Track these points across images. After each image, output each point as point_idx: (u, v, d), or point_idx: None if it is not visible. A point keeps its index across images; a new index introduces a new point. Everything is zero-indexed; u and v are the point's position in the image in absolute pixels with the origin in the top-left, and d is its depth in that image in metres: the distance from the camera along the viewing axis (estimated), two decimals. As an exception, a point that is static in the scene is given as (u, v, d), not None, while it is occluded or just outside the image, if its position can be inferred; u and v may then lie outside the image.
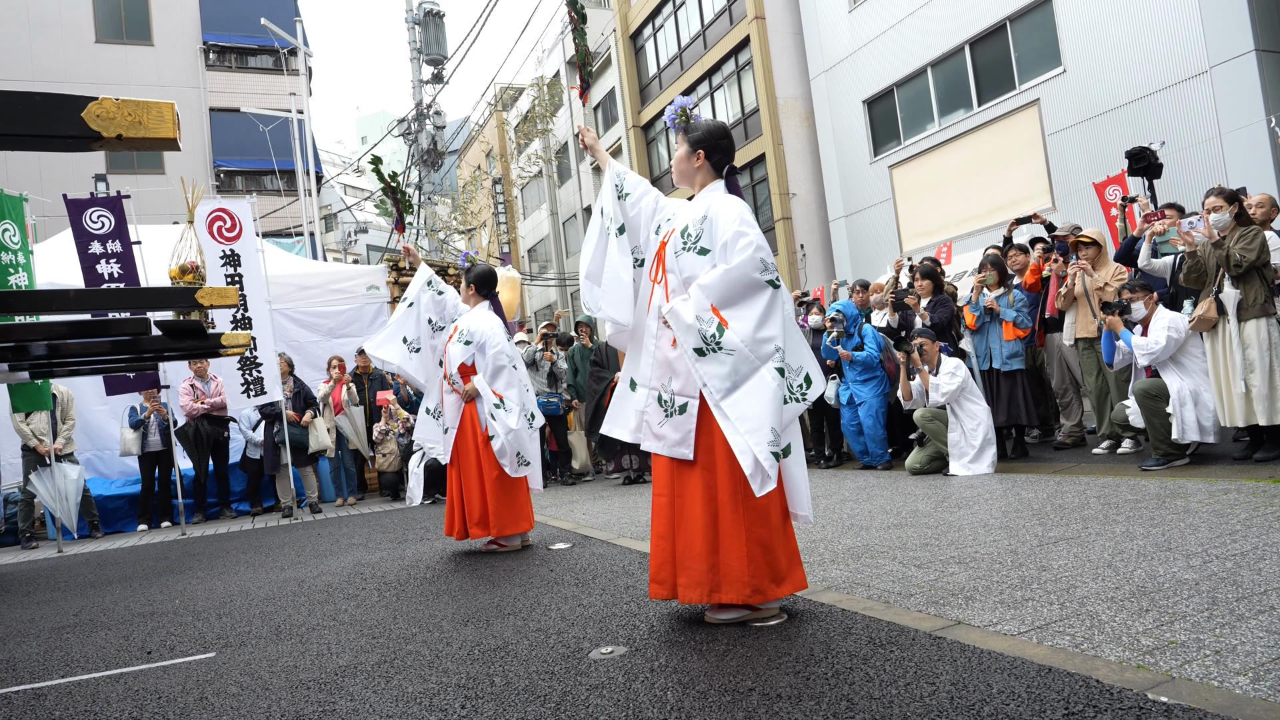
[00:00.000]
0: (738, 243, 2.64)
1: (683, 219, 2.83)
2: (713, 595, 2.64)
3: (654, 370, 2.82)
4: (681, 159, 2.94)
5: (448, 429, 4.79)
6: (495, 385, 4.64)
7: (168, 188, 19.18)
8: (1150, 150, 7.43)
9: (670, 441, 2.73)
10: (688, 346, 2.64)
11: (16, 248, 6.77)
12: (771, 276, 2.63)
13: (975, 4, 14.49)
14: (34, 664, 3.25)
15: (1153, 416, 5.10)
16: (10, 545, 7.83)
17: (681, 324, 2.64)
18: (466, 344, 4.68)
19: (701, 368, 2.61)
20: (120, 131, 1.86)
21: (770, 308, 2.61)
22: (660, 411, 2.76)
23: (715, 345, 2.59)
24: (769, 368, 2.58)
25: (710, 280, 2.63)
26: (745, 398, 2.57)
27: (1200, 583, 2.62)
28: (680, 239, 2.78)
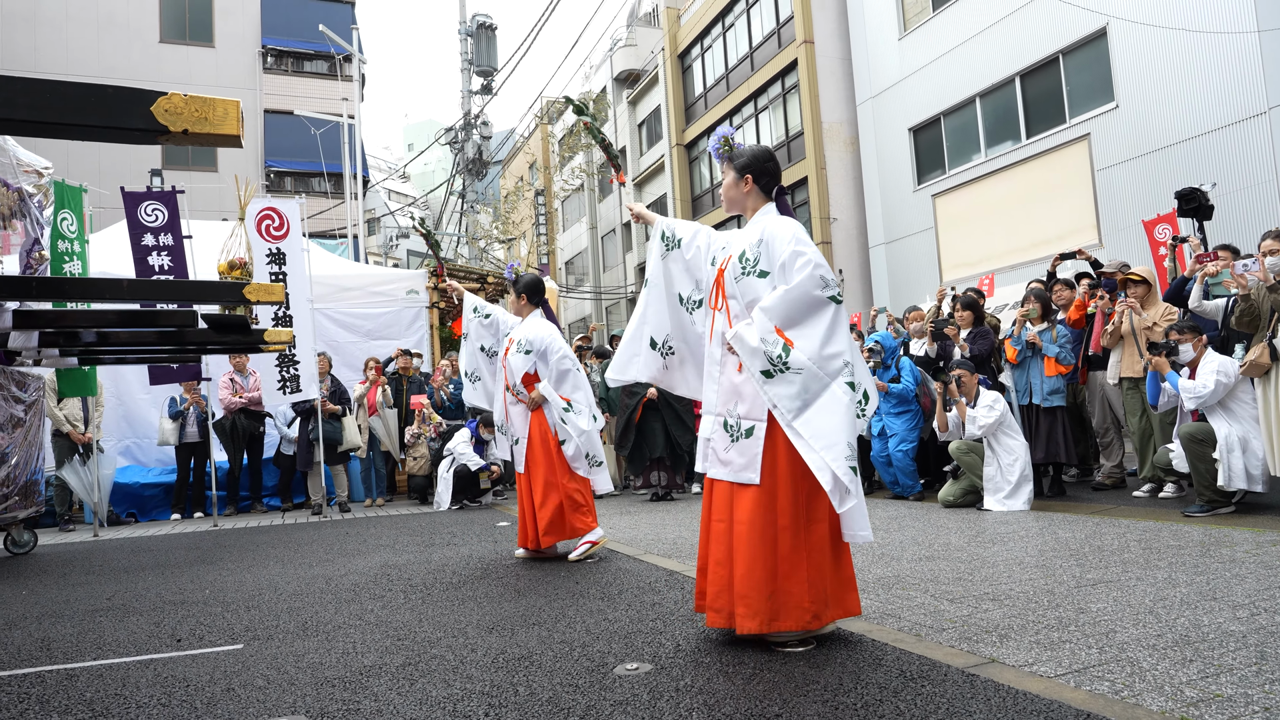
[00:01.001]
0: (795, 262, 2.63)
1: (739, 244, 2.83)
2: (772, 624, 2.60)
3: (719, 396, 2.80)
4: (730, 186, 2.94)
5: (517, 439, 4.76)
6: (562, 390, 4.65)
7: (219, 185, 19.64)
8: (1201, 191, 7.29)
9: (736, 467, 2.70)
10: (754, 369, 2.62)
11: (73, 236, 6.97)
12: (833, 292, 2.62)
13: (1027, 35, 14.37)
14: (67, 645, 3.31)
15: (1198, 461, 4.97)
16: (49, 526, 8.00)
17: (747, 348, 2.63)
18: (527, 353, 4.68)
19: (770, 389, 2.60)
20: (187, 126, 1.91)
21: (835, 323, 2.60)
22: (726, 437, 2.74)
23: (783, 366, 2.58)
24: (839, 383, 2.57)
25: (771, 302, 2.62)
26: (818, 415, 2.56)
27: (1248, 635, 2.53)
28: (738, 264, 2.78)
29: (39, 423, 6.50)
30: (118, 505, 8.39)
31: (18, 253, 6.35)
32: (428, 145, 26.86)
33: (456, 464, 8.07)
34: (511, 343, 4.78)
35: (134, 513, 8.49)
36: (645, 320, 3.14)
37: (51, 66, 21.04)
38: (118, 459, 8.91)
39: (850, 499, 2.54)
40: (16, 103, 1.84)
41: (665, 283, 3.10)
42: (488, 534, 6.00)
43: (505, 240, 26.84)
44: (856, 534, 2.68)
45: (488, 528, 6.36)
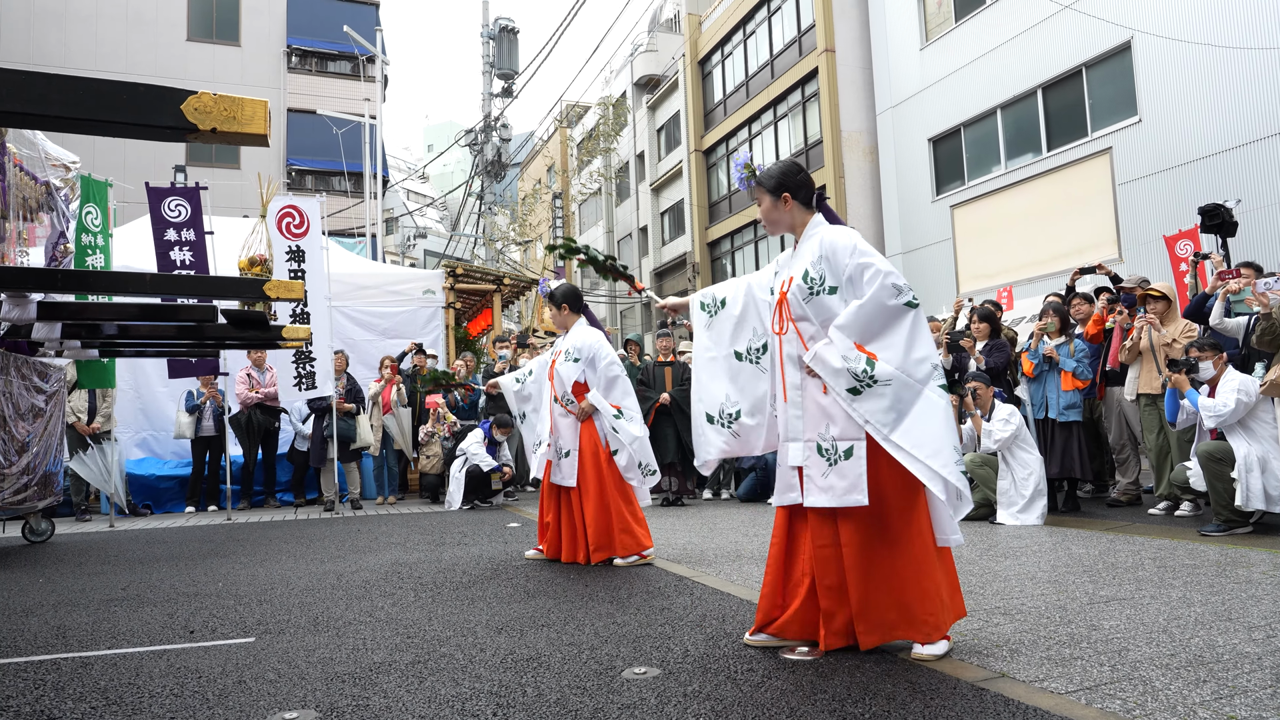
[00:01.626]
0: (863, 275, 2.59)
1: (799, 265, 2.76)
2: (891, 634, 2.60)
3: (806, 421, 2.71)
4: (770, 209, 2.86)
5: (567, 452, 4.63)
6: (611, 396, 4.58)
7: (241, 182, 19.83)
8: (1224, 208, 7.22)
9: (839, 490, 2.59)
10: (840, 388, 2.58)
11: (97, 230, 7.07)
12: (908, 298, 2.57)
13: (1051, 48, 14.29)
14: (82, 633, 3.35)
15: (1216, 480, 4.92)
16: (66, 516, 8.10)
17: (829, 368, 2.59)
18: (575, 361, 4.60)
19: (860, 406, 2.55)
20: (215, 125, 1.94)
21: (915, 328, 2.56)
22: (823, 461, 2.64)
23: (869, 380, 2.53)
24: (931, 388, 2.54)
25: (845, 319, 2.59)
26: (916, 424, 2.52)
27: (1263, 657, 2.51)
28: (804, 285, 2.70)
29: (59, 413, 6.59)
30: (134, 496, 8.48)
31: (44, 245, 6.44)
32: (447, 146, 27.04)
33: (469, 464, 8.10)
34: (559, 353, 4.70)
35: (149, 504, 8.58)
36: (699, 399, 3.09)
37: (81, 63, 21.35)
38: (134, 451, 9.02)
39: (966, 505, 2.55)
40: (51, 99, 1.87)
41: (716, 349, 3.04)
42: (498, 535, 6.02)
43: (522, 242, 26.94)
44: (949, 537, 2.67)
45: (498, 529, 6.39)
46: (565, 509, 4.68)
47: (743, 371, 3.01)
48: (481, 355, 11.40)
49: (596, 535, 4.52)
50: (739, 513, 7.11)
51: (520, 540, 5.68)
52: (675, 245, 27.17)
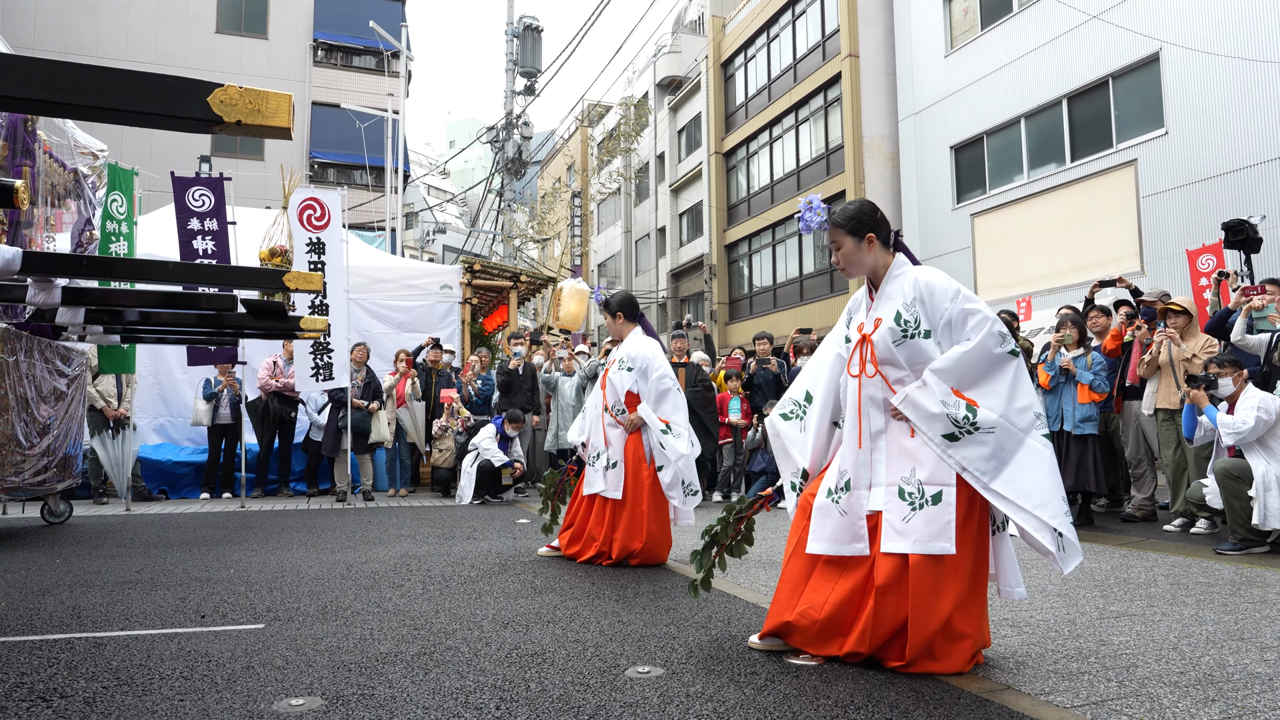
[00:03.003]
0: (968, 321, 2.56)
1: (888, 307, 2.68)
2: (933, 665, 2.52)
3: (889, 466, 2.62)
4: (852, 251, 2.76)
5: (615, 463, 4.54)
6: (660, 410, 4.47)
7: (265, 173, 20.03)
8: (1249, 224, 7.14)
9: (923, 536, 2.50)
10: (934, 434, 2.52)
11: (122, 218, 7.16)
12: (1011, 346, 2.55)
13: (1077, 57, 14.17)
14: (96, 614, 3.40)
15: (1233, 498, 4.86)
16: (84, 499, 8.21)
17: (924, 413, 2.53)
18: (628, 370, 4.54)
19: (958, 452, 2.50)
20: (240, 118, 1.96)
21: (1018, 377, 2.54)
22: (905, 506, 2.55)
23: (971, 427, 2.49)
24: (1035, 437, 2.51)
25: (946, 364, 2.55)
26: (1019, 473, 2.48)
27: (1275, 679, 2.48)
28: (896, 328, 2.63)
29: (80, 397, 6.68)
30: (150, 481, 8.58)
31: (70, 231, 6.53)
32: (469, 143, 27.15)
33: (480, 459, 8.14)
34: (613, 362, 4.65)
35: (165, 490, 8.68)
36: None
37: (112, 52, 21.63)
38: (151, 436, 9.13)
39: (1076, 556, 2.51)
40: (81, 89, 1.91)
41: None
42: (507, 530, 6.05)
43: (540, 240, 27.02)
44: (1014, 590, 2.64)
45: (508, 524, 6.41)
46: (598, 517, 4.58)
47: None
48: (497, 351, 11.45)
49: (623, 541, 4.46)
50: (749, 516, 7.10)
51: (530, 537, 5.70)
52: (693, 247, 27.16)
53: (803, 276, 21.45)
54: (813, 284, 21.05)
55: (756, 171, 23.78)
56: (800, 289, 21.50)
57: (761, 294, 23.42)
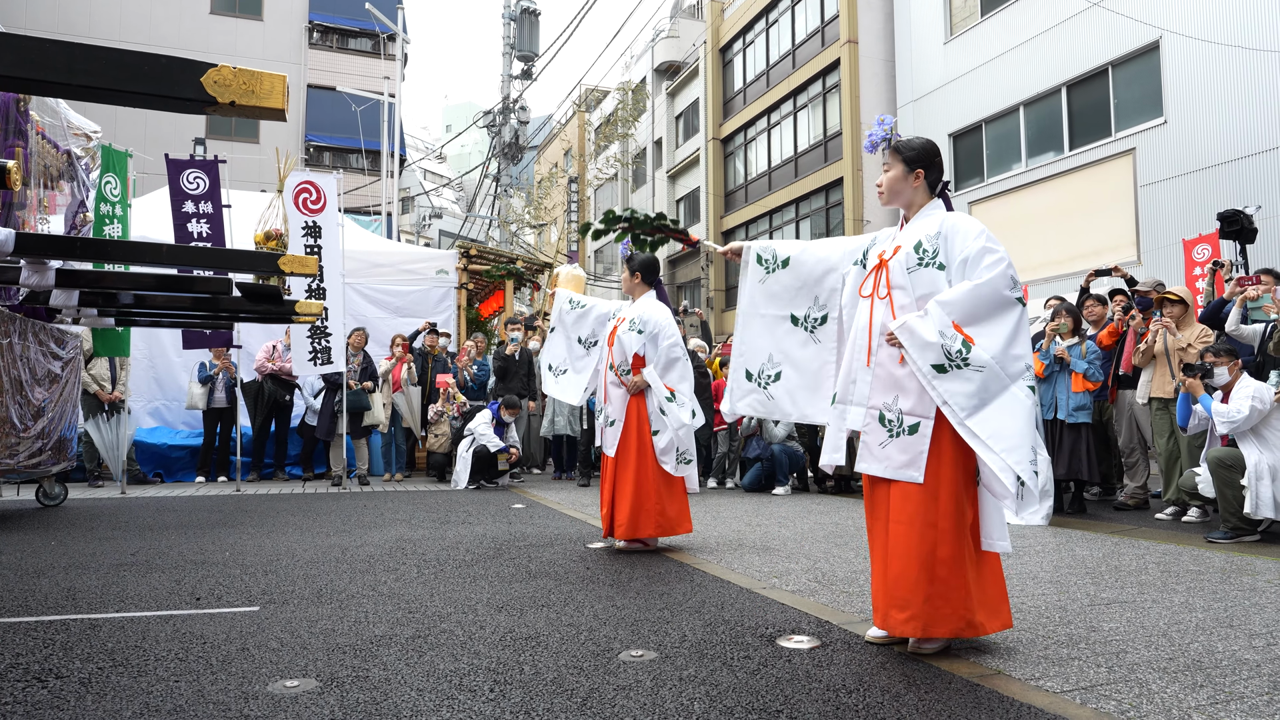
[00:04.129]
0: (984, 259, 2.57)
1: (910, 236, 2.72)
2: (928, 630, 2.52)
3: (874, 388, 2.68)
4: (897, 179, 2.77)
5: (613, 421, 4.54)
6: (668, 378, 4.48)
7: (260, 156, 19.90)
8: (1244, 214, 7.15)
9: (896, 463, 2.59)
10: (924, 363, 2.53)
11: (116, 200, 7.12)
12: (1019, 294, 2.57)
13: (1077, 45, 14.12)
14: (92, 596, 3.41)
15: (1225, 487, 4.89)
16: (79, 481, 8.20)
17: (918, 340, 2.54)
18: (639, 333, 4.51)
19: (943, 385, 2.52)
20: (234, 98, 1.95)
21: (1019, 325, 2.55)
22: (883, 431, 2.63)
23: (961, 362, 2.50)
24: (1020, 385, 2.52)
25: (954, 296, 2.55)
26: (997, 415, 2.50)
27: (1262, 665, 2.50)
28: (913, 255, 2.66)
29: (75, 379, 6.66)
30: (145, 465, 8.58)
31: (64, 213, 6.49)
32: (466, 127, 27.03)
33: (476, 444, 8.15)
34: (623, 320, 4.62)
35: (160, 473, 8.68)
36: (741, 354, 3.14)
37: (105, 33, 21.43)
38: (146, 420, 9.12)
39: (1031, 504, 2.50)
40: (74, 68, 1.89)
41: (767, 307, 3.08)
42: (503, 515, 6.06)
43: (536, 225, 26.94)
44: (995, 543, 2.65)
45: (503, 509, 6.43)
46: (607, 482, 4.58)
47: (792, 336, 3.05)
48: (493, 336, 11.44)
49: (630, 512, 4.41)
50: (743, 502, 7.13)
51: (524, 521, 5.72)
52: (690, 231, 27.07)
53: (800, 264, 21.41)
54: (809, 271, 21.01)
55: (754, 158, 23.70)
56: (797, 276, 21.46)
57: (758, 281, 23.37)
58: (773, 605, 3.25)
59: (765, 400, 3.11)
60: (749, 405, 3.16)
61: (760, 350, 3.08)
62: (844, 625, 2.95)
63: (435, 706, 2.14)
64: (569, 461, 9.38)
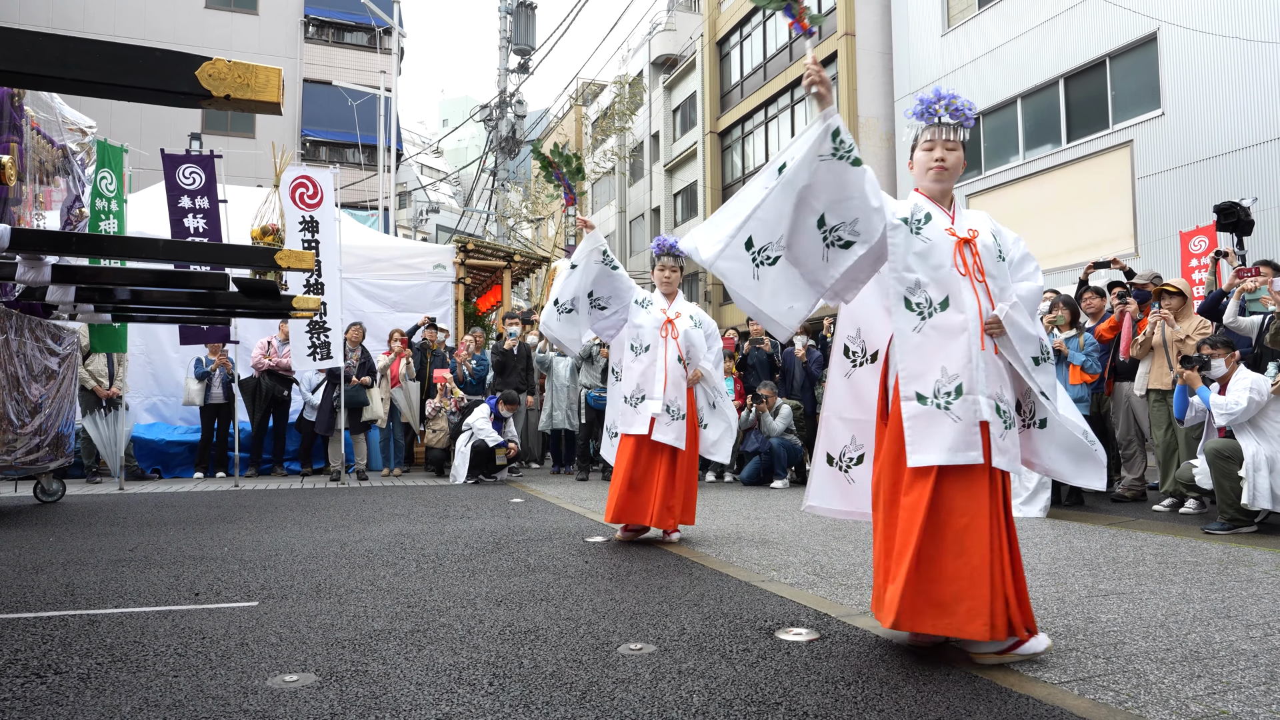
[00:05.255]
0: (1027, 264, 2.76)
1: (981, 224, 2.72)
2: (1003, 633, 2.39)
3: (988, 378, 2.53)
4: (957, 164, 2.68)
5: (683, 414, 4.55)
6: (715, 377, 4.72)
7: (256, 151, 19.86)
8: (1241, 206, 7.15)
9: (1012, 456, 2.54)
10: (1026, 355, 2.59)
11: (111, 195, 7.10)
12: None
13: (1075, 37, 14.10)
14: (91, 592, 3.41)
15: (1222, 479, 4.90)
16: (77, 478, 8.20)
17: (1023, 333, 2.59)
18: (699, 327, 4.70)
19: (1040, 376, 2.63)
20: (229, 92, 1.94)
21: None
22: (1001, 422, 2.52)
23: (1046, 355, 2.66)
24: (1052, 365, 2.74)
25: (1027, 294, 2.68)
26: (1060, 399, 2.71)
27: (1259, 655, 2.51)
28: (995, 245, 2.68)
29: (72, 375, 6.65)
30: (143, 461, 8.58)
31: (59, 209, 6.47)
32: (462, 121, 26.94)
33: (474, 439, 8.15)
34: (678, 315, 4.68)
35: (158, 469, 8.67)
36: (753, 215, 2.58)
37: (100, 27, 21.35)
38: (144, 415, 9.11)
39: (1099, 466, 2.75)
40: (68, 61, 1.88)
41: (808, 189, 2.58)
42: (501, 509, 6.06)
43: (534, 220, 26.90)
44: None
45: (502, 503, 6.43)
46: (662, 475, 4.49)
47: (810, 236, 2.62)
48: (491, 331, 11.43)
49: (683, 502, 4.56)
50: (741, 496, 7.13)
51: (523, 515, 5.72)
52: (687, 227, 27.07)
53: (797, 257, 21.41)
54: (807, 265, 21.02)
55: (752, 152, 23.66)
56: (795, 270, 21.46)
57: (756, 275, 23.37)
58: (771, 598, 3.26)
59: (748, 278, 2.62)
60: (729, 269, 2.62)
61: (776, 226, 2.59)
62: (843, 618, 2.95)
63: (434, 700, 2.14)
64: (567, 456, 9.39)
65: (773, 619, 2.93)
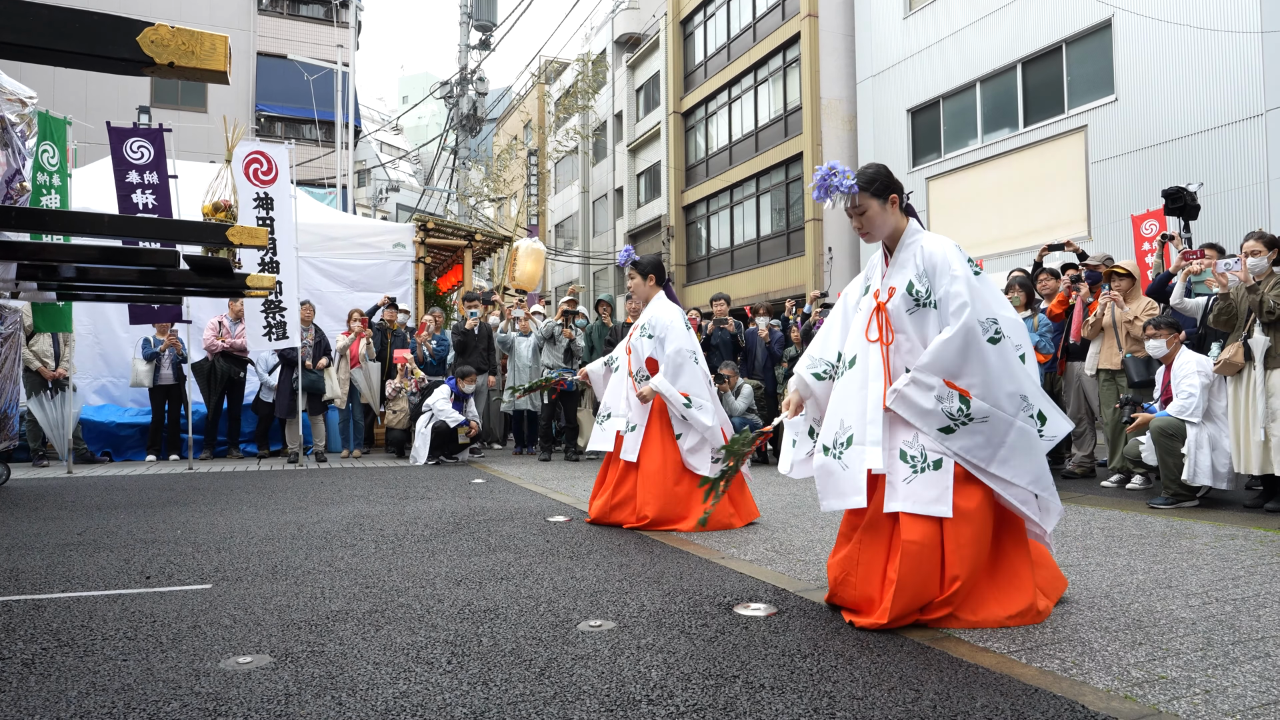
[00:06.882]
0: (949, 305, 2.57)
1: (902, 276, 2.70)
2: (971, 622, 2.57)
3: (892, 429, 2.63)
4: (878, 213, 2.74)
5: (634, 426, 4.49)
6: (679, 384, 4.41)
7: (208, 126, 19.29)
8: (1188, 191, 7.33)
9: (924, 500, 2.54)
10: (930, 429, 2.55)
11: (54, 169, 6.85)
12: (992, 333, 2.55)
13: (1033, 22, 14.28)
14: (36, 576, 3.32)
15: (1167, 455, 5.06)
16: (23, 461, 7.96)
17: (918, 409, 2.55)
18: (650, 337, 4.51)
19: (955, 443, 2.55)
20: (173, 59, 1.87)
21: (1003, 361, 2.56)
22: (906, 468, 2.59)
23: (965, 418, 2.53)
24: (1022, 419, 2.58)
25: (935, 354, 2.54)
26: (1013, 455, 2.56)
27: (1197, 623, 2.60)
28: (909, 297, 2.65)
29: (15, 356, 6.43)
30: (92, 443, 8.35)
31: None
32: (422, 99, 26.46)
33: (435, 420, 8.08)
34: (637, 328, 4.60)
35: (109, 452, 8.45)
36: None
37: (38, -7, 20.47)
38: (93, 397, 8.86)
39: (1053, 517, 2.69)
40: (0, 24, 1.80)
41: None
42: (462, 490, 6.03)
43: (495, 199, 26.58)
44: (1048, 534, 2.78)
45: (463, 484, 6.40)
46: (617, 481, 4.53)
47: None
48: (451, 311, 11.30)
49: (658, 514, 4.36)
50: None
51: (484, 496, 5.70)
52: (651, 208, 27.00)
53: (760, 239, 21.50)
54: (770, 246, 21.12)
55: (715, 132, 23.63)
56: (758, 251, 21.56)
57: (719, 256, 23.44)
58: (730, 574, 3.29)
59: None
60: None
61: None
62: (800, 593, 3.00)
63: (391, 679, 2.13)
64: (529, 436, 9.36)
65: (731, 595, 2.97)
